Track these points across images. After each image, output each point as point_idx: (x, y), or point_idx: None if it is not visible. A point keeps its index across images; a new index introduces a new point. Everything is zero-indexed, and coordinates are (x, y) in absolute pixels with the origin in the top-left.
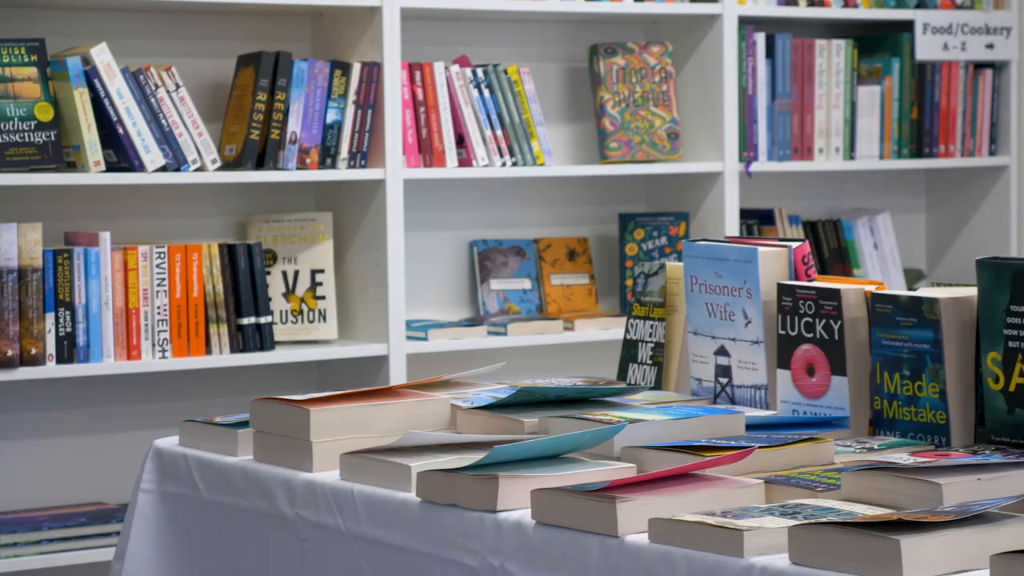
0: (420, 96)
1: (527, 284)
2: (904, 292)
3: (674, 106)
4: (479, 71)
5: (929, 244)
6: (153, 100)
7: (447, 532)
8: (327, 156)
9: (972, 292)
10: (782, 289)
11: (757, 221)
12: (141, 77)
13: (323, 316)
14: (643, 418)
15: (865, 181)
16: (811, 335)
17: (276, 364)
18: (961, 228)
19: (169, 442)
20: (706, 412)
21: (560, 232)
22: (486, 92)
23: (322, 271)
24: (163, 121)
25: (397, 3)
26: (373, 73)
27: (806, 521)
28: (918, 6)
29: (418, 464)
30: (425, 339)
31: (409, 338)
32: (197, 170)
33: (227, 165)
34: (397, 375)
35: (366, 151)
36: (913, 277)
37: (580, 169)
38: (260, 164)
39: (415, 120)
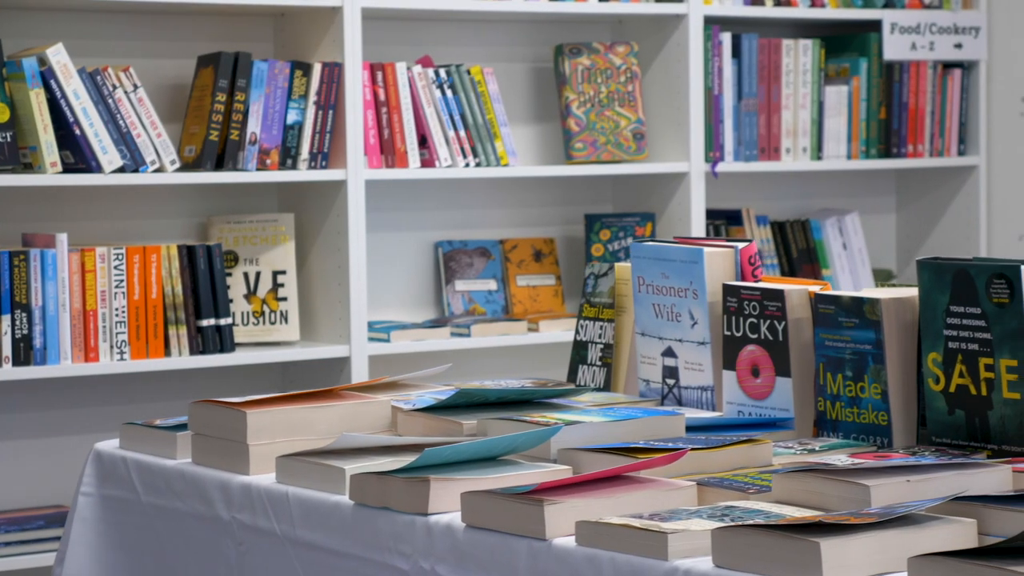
0: (382, 96)
1: (492, 285)
2: (846, 293)
3: (640, 106)
4: (442, 71)
5: (899, 244)
6: (111, 101)
7: (379, 535)
8: (288, 157)
9: (914, 293)
10: (727, 290)
11: (724, 221)
12: (98, 78)
13: (285, 317)
14: (581, 420)
15: (835, 181)
16: (756, 336)
17: (237, 366)
18: (931, 228)
19: (110, 445)
20: (646, 414)
21: (526, 233)
22: (449, 92)
23: (284, 272)
24: (121, 122)
25: (358, 3)
26: (334, 73)
27: (729, 524)
28: (886, 6)
29: (352, 467)
30: (387, 340)
31: (371, 339)
32: (156, 171)
33: (186, 166)
34: (359, 377)
35: (327, 152)
36: (883, 277)
37: (545, 170)
38: (219, 165)
39: (377, 121)
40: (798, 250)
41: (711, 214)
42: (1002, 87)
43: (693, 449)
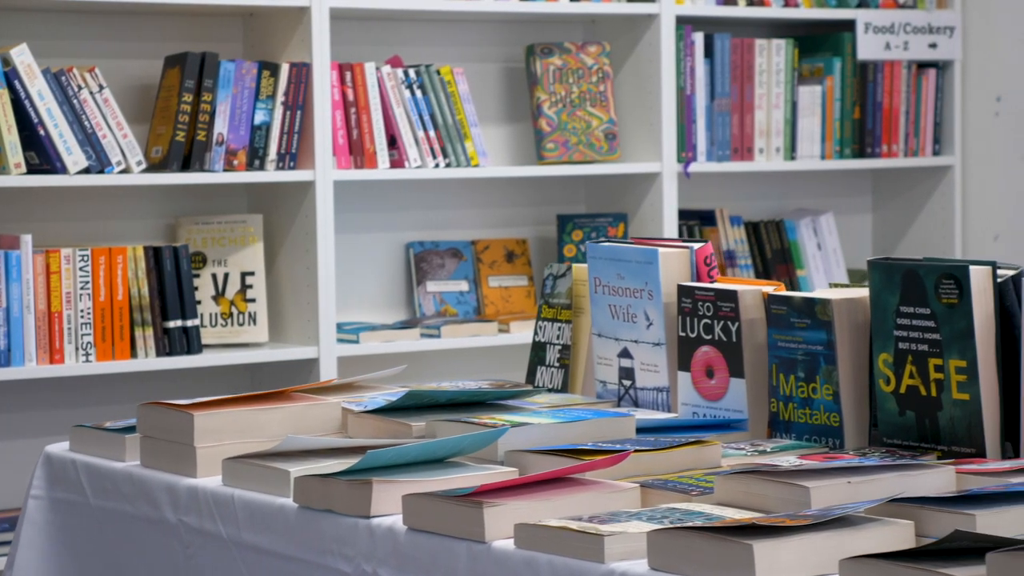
0: (351, 97)
1: (464, 286)
2: (798, 293)
3: (612, 106)
4: (411, 71)
5: (875, 244)
6: (76, 101)
7: (323, 538)
8: (255, 157)
9: (866, 293)
10: (682, 290)
11: (698, 222)
12: (63, 78)
13: (253, 319)
14: (529, 422)
15: (810, 181)
16: (710, 337)
17: (205, 367)
18: (907, 228)
19: (60, 448)
20: (596, 415)
21: (498, 233)
22: (418, 93)
23: (252, 273)
24: (86, 122)
25: (326, 3)
26: (302, 74)
27: (665, 526)
28: (860, 5)
29: (297, 469)
30: (356, 342)
31: (340, 341)
32: (121, 172)
33: (153, 167)
34: (327, 378)
35: (295, 152)
36: (858, 278)
37: (516, 170)
38: (186, 166)
39: (345, 121)
40: (772, 251)
41: (685, 214)
42: (977, 87)
43: (637, 451)
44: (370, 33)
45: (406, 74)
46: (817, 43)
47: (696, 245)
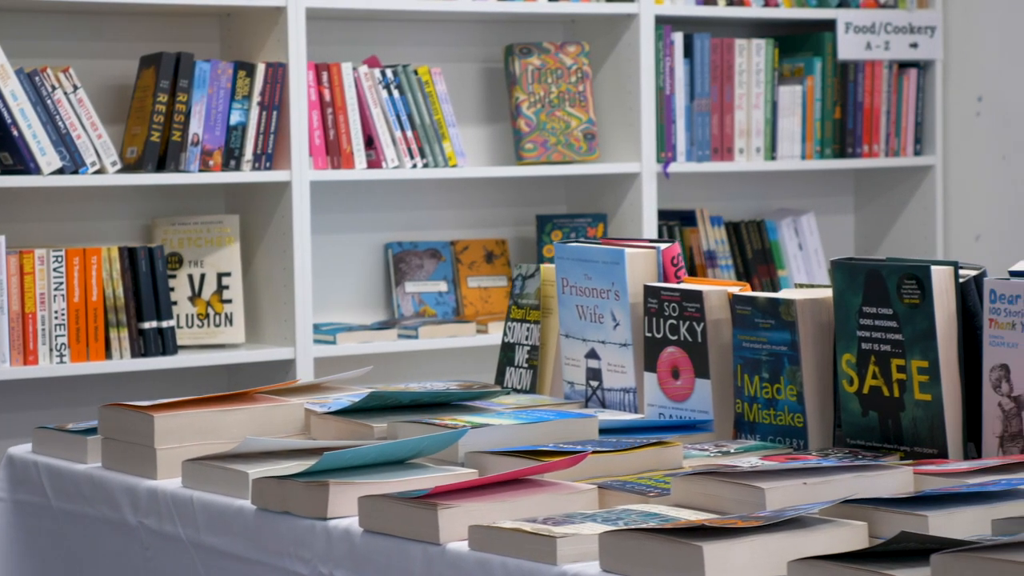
0: (327, 97)
1: (443, 287)
2: (762, 294)
3: (591, 106)
4: (388, 71)
5: (858, 244)
6: (49, 102)
7: (280, 540)
8: (231, 158)
9: (830, 294)
10: (648, 291)
11: (679, 222)
12: (37, 78)
13: (229, 320)
14: (490, 423)
15: (791, 182)
16: (676, 337)
17: (181, 369)
18: (889, 228)
19: (22, 449)
20: (558, 416)
21: (478, 234)
22: (396, 93)
23: (229, 274)
24: (60, 123)
25: (302, 3)
26: (278, 74)
27: (618, 527)
28: (840, 5)
29: (256, 471)
30: (333, 343)
31: (317, 341)
32: (96, 172)
33: (128, 167)
34: (304, 379)
35: (271, 153)
36: None
37: (495, 170)
38: (161, 166)
39: (322, 121)
40: (753, 251)
41: (665, 215)
42: (958, 87)
43: (597, 452)
44: (348, 33)
45: (383, 74)
46: (797, 43)
47: (663, 245)
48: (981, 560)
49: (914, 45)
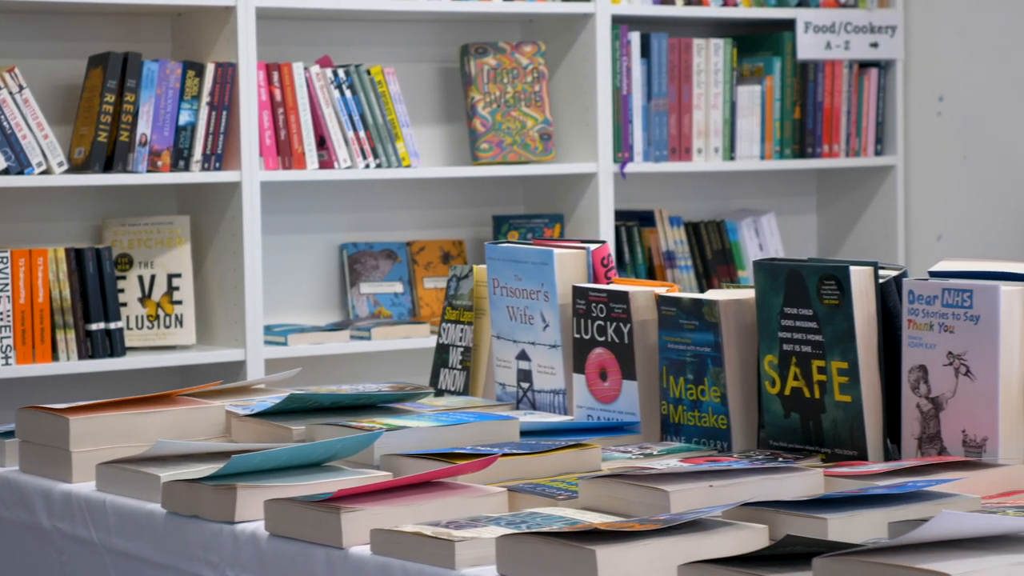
0: (278, 97)
1: (399, 288)
2: (687, 294)
3: (547, 106)
4: (340, 71)
5: (820, 245)
6: None
7: (190, 544)
8: (180, 158)
9: (753, 294)
10: (576, 292)
11: (637, 222)
12: None
13: (180, 321)
14: (407, 425)
15: (753, 182)
16: (603, 339)
17: (131, 370)
18: (851, 228)
19: None
20: (478, 419)
21: (434, 235)
22: (348, 93)
23: (179, 275)
24: (5, 123)
25: (252, 3)
26: (228, 74)
27: (519, 531)
28: (800, 5)
29: (168, 474)
30: (285, 344)
31: (268, 343)
32: (42, 173)
33: (75, 168)
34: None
35: (221, 153)
36: None
37: (449, 171)
38: (109, 167)
39: (273, 121)
40: (713, 251)
41: (623, 215)
42: (919, 86)
43: (510, 454)
44: (303, 33)
45: (335, 74)
46: (757, 43)
47: (593, 246)
48: (861, 563)
49: (874, 45)
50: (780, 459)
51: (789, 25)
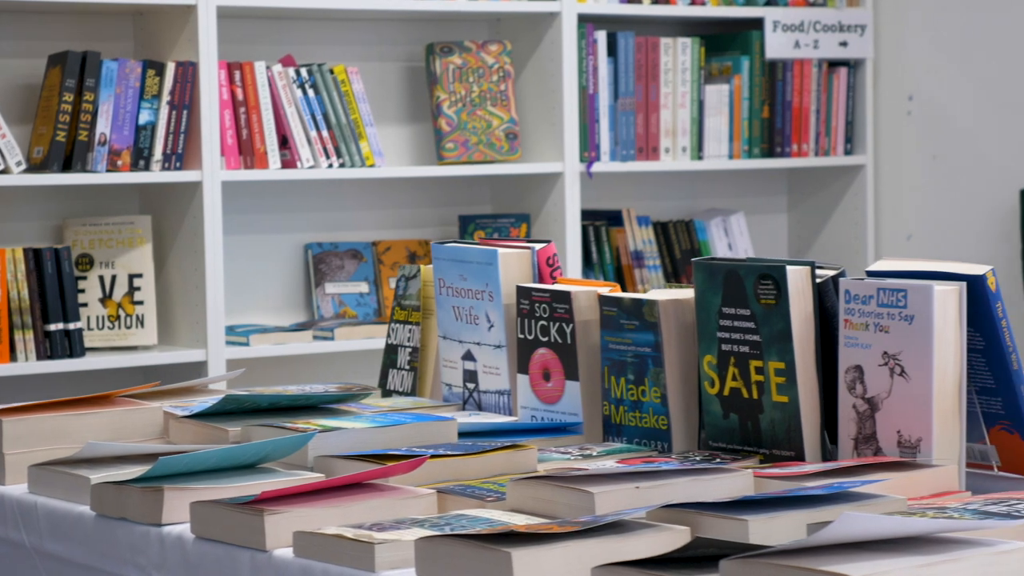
0: (240, 96)
1: (364, 288)
2: (628, 294)
3: (513, 106)
4: (303, 71)
5: (791, 244)
6: None
7: (118, 547)
8: (140, 158)
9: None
10: (520, 292)
11: (605, 222)
12: None
13: (141, 321)
14: (343, 426)
15: (723, 181)
16: (546, 339)
17: (91, 371)
18: (821, 228)
19: None
20: (416, 420)
21: (401, 235)
22: (311, 92)
23: (140, 276)
24: None
25: (213, 1)
26: (188, 73)
27: (443, 533)
28: (768, 4)
29: (98, 476)
30: (247, 344)
31: (230, 343)
32: (1, 173)
33: (34, 167)
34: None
35: (181, 152)
36: None
37: (414, 170)
38: (68, 166)
39: (235, 121)
40: (682, 251)
41: (591, 215)
42: (889, 86)
43: (436, 456)
44: (266, 33)
45: (298, 73)
46: (725, 42)
47: (538, 245)
48: (766, 565)
49: (844, 44)
50: (718, 460)
51: (757, 24)
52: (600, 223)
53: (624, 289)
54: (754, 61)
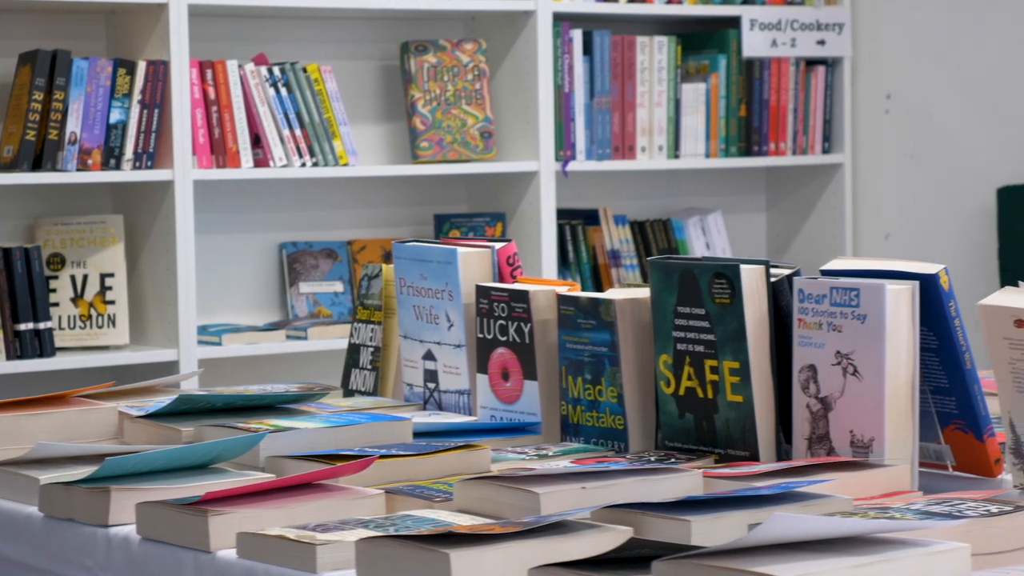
0: (212, 95)
1: (339, 287)
2: (585, 294)
3: (488, 105)
4: (276, 69)
5: (770, 243)
6: None
7: (65, 548)
8: (111, 157)
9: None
10: (479, 291)
11: (582, 221)
12: None
13: (112, 321)
14: (295, 426)
15: (702, 180)
16: (505, 338)
17: (61, 371)
18: (800, 227)
19: None
20: (370, 419)
21: (375, 234)
22: (283, 91)
23: (112, 275)
24: None
25: (184, 0)
26: (159, 71)
27: (384, 534)
28: (745, 2)
29: (48, 477)
30: (219, 344)
31: (202, 343)
32: None
33: (3, 167)
34: (188, 381)
35: (153, 151)
36: None
37: (388, 169)
38: (38, 165)
39: (207, 120)
40: (659, 250)
41: (568, 214)
42: (867, 84)
43: (385, 456)
44: (238, 31)
45: (271, 72)
46: (702, 40)
47: (498, 245)
48: (697, 566)
49: (821, 42)
50: (672, 460)
51: (734, 22)
52: (577, 222)
53: (600, 289)
54: (731, 60)
